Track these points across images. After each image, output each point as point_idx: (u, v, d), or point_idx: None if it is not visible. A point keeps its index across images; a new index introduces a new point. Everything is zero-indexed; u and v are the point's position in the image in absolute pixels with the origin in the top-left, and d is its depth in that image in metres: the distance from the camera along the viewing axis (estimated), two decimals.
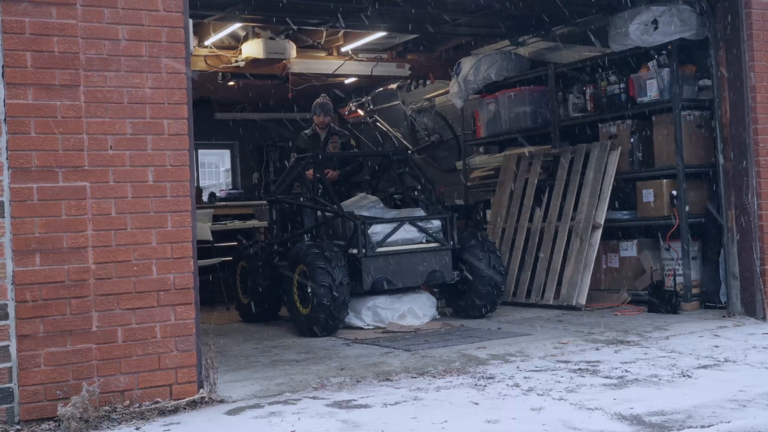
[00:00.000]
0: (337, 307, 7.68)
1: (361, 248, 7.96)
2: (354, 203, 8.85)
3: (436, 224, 8.43)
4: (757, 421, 4.48)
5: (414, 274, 8.19)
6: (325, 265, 7.67)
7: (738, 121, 7.93)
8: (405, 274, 8.15)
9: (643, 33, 8.59)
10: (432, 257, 8.27)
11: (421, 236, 8.33)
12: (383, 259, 8.06)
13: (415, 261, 8.18)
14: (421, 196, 9.09)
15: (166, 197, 5.29)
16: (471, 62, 10.66)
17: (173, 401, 5.19)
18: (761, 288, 7.76)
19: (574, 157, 9.50)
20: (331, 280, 7.63)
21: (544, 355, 6.55)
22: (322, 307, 7.65)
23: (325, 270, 7.66)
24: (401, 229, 8.22)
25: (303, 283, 7.93)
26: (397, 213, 8.67)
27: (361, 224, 7.99)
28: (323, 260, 7.70)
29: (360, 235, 7.97)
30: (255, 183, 16.44)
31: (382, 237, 8.10)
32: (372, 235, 8.06)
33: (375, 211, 8.63)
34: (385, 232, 8.14)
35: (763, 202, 7.78)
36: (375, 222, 8.16)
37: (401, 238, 8.23)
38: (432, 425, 4.64)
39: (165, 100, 5.32)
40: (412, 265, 8.17)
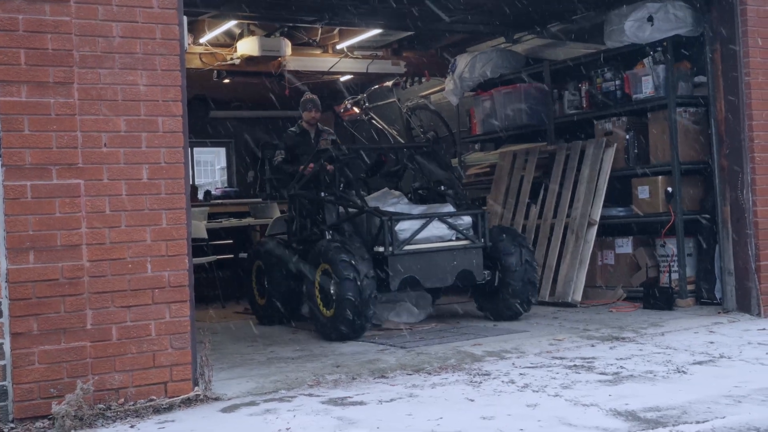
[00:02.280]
0: (363, 303, 7.15)
1: (387, 246, 7.47)
2: (376, 199, 8.36)
3: (467, 221, 7.94)
4: (752, 416, 4.49)
5: (443, 273, 7.72)
6: (348, 257, 7.20)
7: (733, 118, 7.93)
8: (434, 273, 7.67)
9: (639, 30, 8.59)
10: (462, 256, 7.80)
11: (450, 233, 7.85)
12: (411, 257, 7.57)
13: (445, 260, 7.71)
14: (448, 191, 8.60)
15: (160, 195, 5.29)
16: (466, 59, 10.65)
17: (168, 399, 5.19)
18: (756, 284, 7.77)
19: (569, 154, 9.50)
20: (355, 272, 7.13)
21: (540, 352, 6.55)
22: (347, 303, 7.12)
23: (348, 263, 7.16)
24: (430, 226, 7.73)
25: (326, 284, 7.43)
26: (425, 209, 8.16)
27: (388, 220, 7.52)
28: (346, 253, 7.24)
29: (386, 232, 7.49)
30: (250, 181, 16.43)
31: (410, 234, 7.62)
32: (399, 232, 7.58)
33: (400, 207, 8.15)
34: (412, 228, 7.67)
35: (757, 199, 7.79)
36: (402, 218, 7.67)
37: (430, 236, 7.74)
38: (427, 422, 4.64)
39: (159, 97, 5.31)
40: (441, 264, 7.70)
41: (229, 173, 17.26)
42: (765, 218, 7.81)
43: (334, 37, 11.36)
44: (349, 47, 11.51)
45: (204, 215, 11.46)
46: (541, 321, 8.06)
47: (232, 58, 10.82)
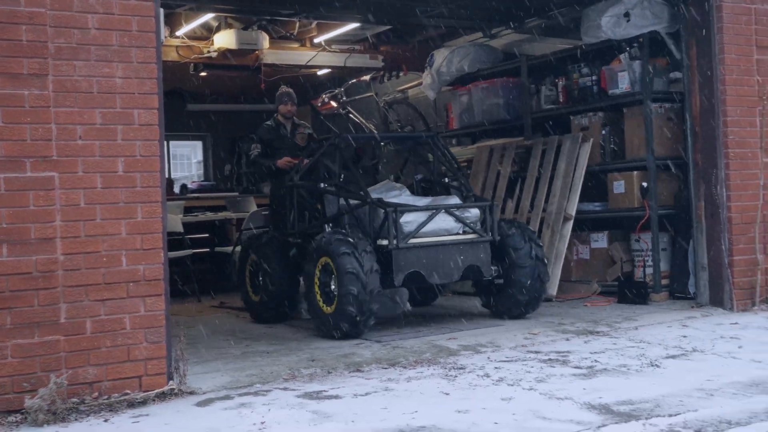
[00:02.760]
0: (366, 298, 6.81)
1: (392, 239, 7.11)
2: (377, 191, 7.97)
3: (474, 213, 7.58)
4: (723, 410, 4.53)
5: (449, 268, 7.35)
6: (351, 250, 6.86)
7: (708, 114, 7.99)
8: (440, 268, 7.31)
9: (615, 26, 8.63)
10: (469, 250, 7.43)
11: (457, 226, 7.48)
12: (416, 251, 7.22)
13: (451, 254, 7.35)
14: (453, 183, 8.23)
15: (136, 188, 5.26)
16: (444, 54, 10.66)
17: (142, 393, 5.17)
18: (729, 279, 7.84)
19: (546, 149, 9.54)
20: (358, 266, 6.80)
21: (515, 346, 6.58)
22: (350, 298, 6.79)
23: (351, 255, 6.83)
24: (436, 219, 7.37)
25: (326, 279, 7.12)
26: (430, 201, 7.81)
27: (393, 212, 7.16)
28: (348, 246, 6.90)
29: (391, 224, 7.13)
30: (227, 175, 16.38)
31: (415, 227, 7.26)
32: (404, 225, 7.21)
33: (403, 199, 7.78)
34: (418, 221, 7.29)
35: (731, 194, 7.86)
36: (407, 210, 7.31)
37: (436, 229, 7.38)
38: (402, 415, 4.65)
39: (135, 90, 5.28)
40: (448, 259, 7.34)
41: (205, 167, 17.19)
42: (738, 214, 7.88)
43: (312, 30, 11.34)
44: (326, 41, 11.49)
45: (180, 209, 11.42)
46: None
47: (209, 51, 10.77)
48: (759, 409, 4.51)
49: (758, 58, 8.09)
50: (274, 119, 9.79)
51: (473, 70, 10.54)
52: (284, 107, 9.71)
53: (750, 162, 7.98)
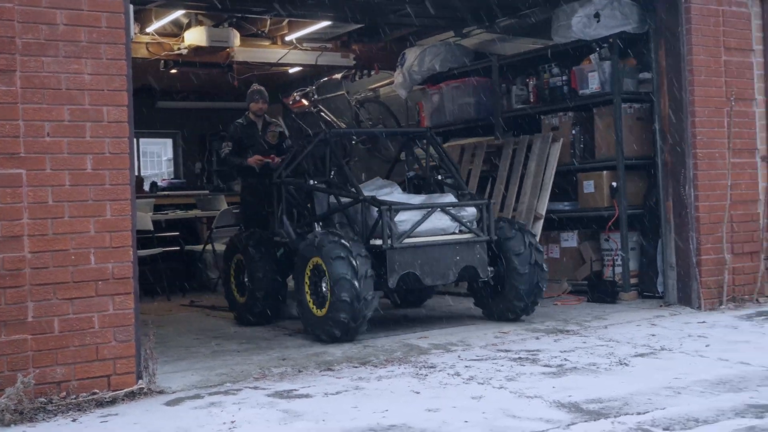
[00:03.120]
0: (360, 305, 6.55)
1: (386, 239, 6.84)
2: (366, 188, 7.70)
3: (471, 212, 7.34)
4: (691, 407, 4.58)
5: (445, 269, 7.10)
6: (344, 254, 6.58)
7: (676, 114, 8.06)
8: (435, 269, 7.06)
9: (586, 26, 8.68)
10: (466, 250, 7.18)
11: (453, 225, 7.24)
12: (411, 251, 6.95)
13: (447, 254, 7.09)
14: (447, 180, 8.02)
15: (105, 185, 5.22)
16: (415, 53, 10.67)
17: (111, 392, 5.13)
18: (697, 278, 7.91)
19: (516, 149, 9.57)
20: (352, 271, 6.53)
21: (485, 345, 6.60)
22: (342, 304, 6.52)
23: (345, 260, 6.55)
24: (431, 217, 7.12)
25: (317, 280, 6.87)
26: (424, 199, 7.54)
27: (387, 210, 6.90)
28: (342, 249, 6.62)
29: (385, 223, 6.87)
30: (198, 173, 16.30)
31: (410, 226, 7.00)
32: (398, 224, 6.95)
33: (395, 197, 7.50)
34: (413, 220, 7.04)
35: (699, 194, 7.93)
36: (402, 208, 7.05)
37: (431, 228, 7.13)
38: (373, 414, 4.65)
39: (104, 86, 5.24)
40: (444, 260, 7.08)
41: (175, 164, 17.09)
42: (706, 213, 7.96)
43: (283, 28, 11.30)
44: (298, 39, 11.46)
45: (150, 207, 11.34)
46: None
47: (180, 48, 10.70)
48: (726, 407, 4.56)
49: (726, 59, 8.18)
50: (245, 117, 9.75)
51: (444, 69, 10.56)
52: (255, 105, 9.67)
53: (718, 162, 8.06)
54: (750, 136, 8.33)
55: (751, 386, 5.01)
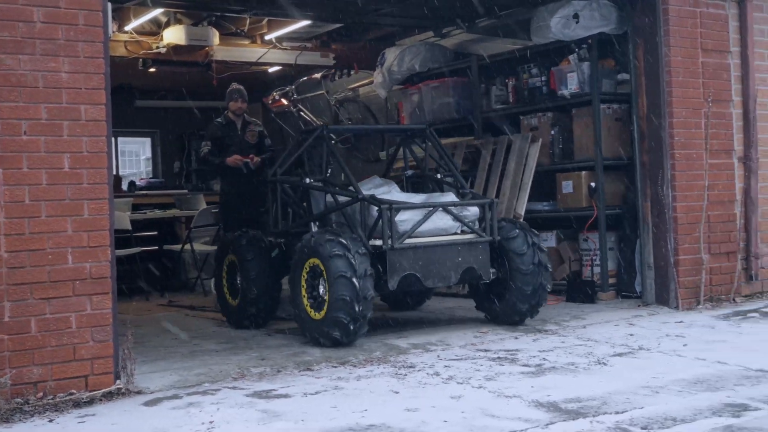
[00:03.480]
0: (360, 305, 6.30)
1: (386, 239, 6.61)
2: (364, 186, 7.43)
3: (473, 211, 7.13)
4: (669, 406, 4.60)
5: (447, 271, 6.88)
6: (343, 252, 6.35)
7: (654, 115, 8.11)
8: (436, 271, 6.84)
9: (565, 27, 8.70)
10: (468, 251, 6.95)
11: (455, 226, 7.02)
12: (412, 252, 6.73)
13: (449, 255, 6.87)
14: (446, 178, 7.80)
15: (82, 184, 5.19)
16: (395, 53, 10.67)
17: (89, 393, 5.10)
18: (675, 278, 7.96)
19: (495, 149, 9.58)
20: (351, 270, 6.29)
21: (465, 344, 6.61)
22: (342, 304, 6.28)
23: (343, 258, 6.32)
24: (433, 217, 6.91)
25: (314, 282, 6.64)
26: (425, 198, 7.32)
27: (388, 210, 6.69)
28: (341, 247, 6.39)
29: (385, 223, 6.64)
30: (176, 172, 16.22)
31: (411, 226, 6.79)
32: (399, 224, 6.73)
33: (394, 196, 7.26)
34: (414, 219, 6.82)
35: (677, 195, 7.98)
36: (403, 208, 6.83)
37: (433, 228, 6.92)
38: (352, 414, 4.64)
39: (82, 85, 5.20)
40: (445, 261, 6.86)
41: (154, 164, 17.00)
42: (684, 213, 8.01)
43: (263, 27, 11.26)
44: (277, 38, 11.42)
45: (128, 206, 11.27)
46: (466, 314, 8.13)
47: (159, 46, 10.64)
48: (703, 406, 4.59)
49: (703, 60, 8.23)
50: (224, 116, 9.72)
51: (424, 69, 10.56)
52: (235, 104, 9.64)
53: (695, 163, 8.11)
54: (727, 137, 8.39)
55: (728, 385, 5.04)
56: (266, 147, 9.93)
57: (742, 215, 8.44)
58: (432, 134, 7.94)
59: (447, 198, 7.32)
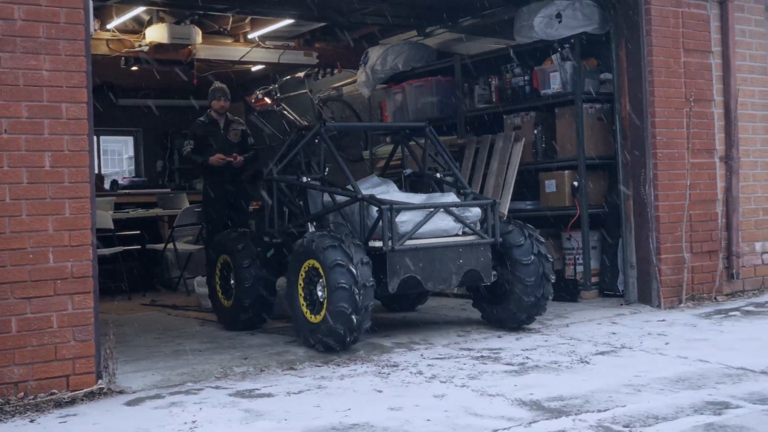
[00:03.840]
0: (359, 316, 6.12)
1: (386, 240, 6.43)
2: (362, 186, 7.21)
3: (475, 212, 6.94)
4: (651, 404, 4.62)
5: (448, 273, 6.69)
6: (344, 261, 6.11)
7: (637, 115, 8.14)
8: (437, 273, 6.65)
9: (547, 26, 8.72)
10: (469, 253, 6.76)
11: (456, 227, 6.84)
12: (412, 254, 6.55)
13: (450, 257, 6.68)
14: (446, 178, 7.60)
15: (63, 183, 5.15)
16: (378, 52, 10.66)
17: (70, 392, 5.07)
18: (657, 277, 7.99)
19: (479, 148, 9.60)
20: (352, 280, 6.08)
21: (448, 343, 6.61)
22: (341, 315, 6.07)
23: (344, 267, 6.08)
24: (434, 218, 6.73)
25: (312, 284, 6.46)
26: (425, 198, 7.13)
27: (388, 210, 6.49)
28: (342, 255, 6.14)
29: (386, 224, 6.45)
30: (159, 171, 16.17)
31: (412, 227, 6.61)
32: (399, 225, 6.54)
33: (393, 196, 7.09)
34: (415, 221, 6.64)
35: (659, 194, 8.02)
36: (404, 208, 6.64)
37: (434, 229, 6.74)
38: (335, 413, 4.64)
39: (63, 83, 5.17)
40: (446, 263, 6.67)
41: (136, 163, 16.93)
42: (666, 213, 8.04)
43: (246, 26, 11.23)
44: (260, 37, 11.39)
45: (110, 205, 11.23)
46: (449, 312, 8.14)
47: (141, 45, 10.59)
48: (685, 404, 4.61)
49: (685, 60, 8.27)
50: (207, 115, 9.70)
51: (407, 68, 10.56)
52: (217, 103, 9.62)
53: (677, 162, 8.15)
54: (709, 136, 8.44)
55: (710, 384, 5.07)
56: (249, 146, 9.92)
57: (724, 214, 8.49)
58: (432, 132, 7.74)
59: (448, 198, 7.11)
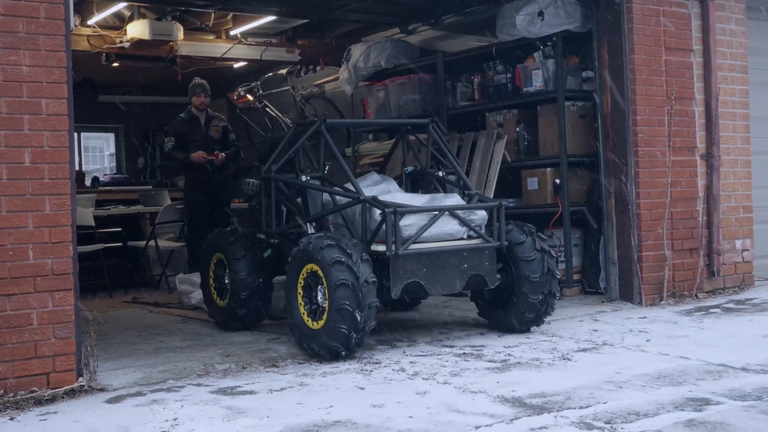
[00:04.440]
0: (363, 314, 5.88)
1: (390, 245, 6.19)
2: (362, 184, 6.94)
3: (481, 215, 6.69)
4: (632, 401, 4.64)
5: (452, 278, 6.47)
6: (344, 258, 5.91)
7: (618, 112, 8.17)
8: (441, 278, 6.43)
9: (530, 24, 8.73)
10: (474, 257, 6.54)
11: (461, 230, 6.61)
12: (416, 258, 6.33)
13: (454, 262, 6.47)
14: (450, 177, 7.37)
15: (43, 179, 5.12)
16: (361, 49, 10.65)
17: (51, 390, 5.04)
18: (638, 274, 8.03)
19: (461, 146, 9.60)
20: (353, 277, 5.87)
21: (431, 340, 6.62)
22: (343, 314, 5.83)
23: (344, 264, 5.89)
24: (439, 221, 6.49)
25: (312, 289, 6.19)
26: (428, 199, 6.91)
27: (392, 213, 6.24)
28: (342, 253, 5.95)
29: (389, 227, 6.21)
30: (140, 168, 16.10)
31: (416, 230, 6.36)
32: (404, 228, 6.31)
33: (395, 197, 6.85)
34: (419, 224, 6.39)
35: (640, 191, 8.05)
36: (408, 211, 6.39)
37: (439, 233, 6.51)
38: (317, 410, 4.63)
39: (43, 78, 5.13)
40: (451, 267, 6.46)
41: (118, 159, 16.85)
42: (647, 210, 8.08)
43: (228, 22, 11.19)
44: (242, 34, 11.35)
45: (91, 202, 11.17)
46: (432, 310, 8.15)
47: (122, 41, 10.53)
48: (666, 401, 4.63)
49: (666, 58, 8.31)
50: (187, 111, 9.65)
51: (390, 65, 10.55)
52: (197, 99, 9.58)
53: (659, 160, 8.19)
54: (690, 134, 8.48)
55: (690, 380, 5.10)
56: (231, 142, 9.88)
57: (704, 212, 8.53)
58: (435, 129, 7.45)
59: (452, 200, 6.85)
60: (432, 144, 7.50)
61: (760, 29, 9.39)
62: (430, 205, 6.68)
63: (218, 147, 9.56)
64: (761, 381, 5.03)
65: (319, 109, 12.58)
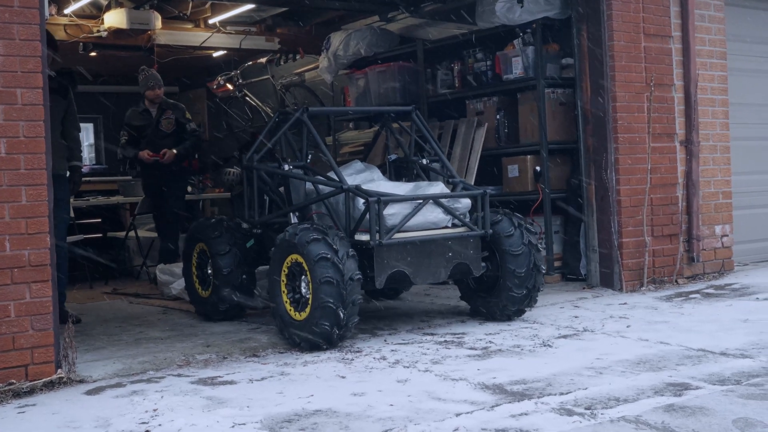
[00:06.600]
0: (347, 311, 5.83)
1: (374, 234, 6.14)
2: (346, 173, 6.86)
3: (465, 203, 6.62)
4: (612, 387, 4.66)
5: (436, 267, 6.41)
6: (330, 254, 5.81)
7: (598, 99, 8.18)
8: (425, 267, 6.37)
9: (509, 11, 8.71)
10: (458, 246, 6.48)
11: (446, 219, 6.54)
12: (400, 248, 6.25)
13: (439, 250, 6.41)
14: (433, 165, 7.32)
15: (20, 170, 5.06)
16: (341, 37, 10.61)
17: (29, 382, 5.00)
18: (618, 260, 8.06)
19: (442, 133, 9.60)
20: (338, 274, 5.80)
21: (412, 328, 6.62)
22: (326, 311, 5.77)
23: (329, 261, 5.80)
24: (423, 210, 6.41)
25: (295, 280, 6.12)
26: (412, 187, 6.80)
27: (376, 203, 6.17)
28: (327, 248, 5.84)
29: (373, 217, 6.14)
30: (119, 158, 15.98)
31: (400, 219, 6.30)
32: (387, 218, 6.24)
33: (379, 185, 6.74)
34: (403, 213, 6.33)
35: (621, 178, 8.07)
36: (392, 200, 6.31)
37: (423, 221, 6.43)
38: (298, 399, 4.62)
39: (18, 68, 5.07)
40: (435, 256, 6.39)
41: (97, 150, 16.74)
42: (627, 197, 8.10)
43: (206, 11, 11.12)
44: (221, 22, 11.29)
45: None
46: (413, 298, 8.15)
47: (99, 30, 10.44)
48: (646, 386, 4.65)
49: (646, 45, 8.32)
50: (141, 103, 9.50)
51: (370, 53, 10.52)
52: (151, 92, 9.37)
53: (638, 146, 8.21)
54: (669, 120, 8.51)
55: (670, 365, 5.12)
56: (189, 132, 9.65)
57: (684, 198, 8.57)
58: (418, 116, 7.43)
59: (436, 188, 6.77)
60: (415, 132, 7.46)
61: (738, 15, 9.43)
62: (414, 193, 6.61)
63: (169, 141, 9.40)
64: (740, 365, 5.07)
65: (299, 97, 12.53)
